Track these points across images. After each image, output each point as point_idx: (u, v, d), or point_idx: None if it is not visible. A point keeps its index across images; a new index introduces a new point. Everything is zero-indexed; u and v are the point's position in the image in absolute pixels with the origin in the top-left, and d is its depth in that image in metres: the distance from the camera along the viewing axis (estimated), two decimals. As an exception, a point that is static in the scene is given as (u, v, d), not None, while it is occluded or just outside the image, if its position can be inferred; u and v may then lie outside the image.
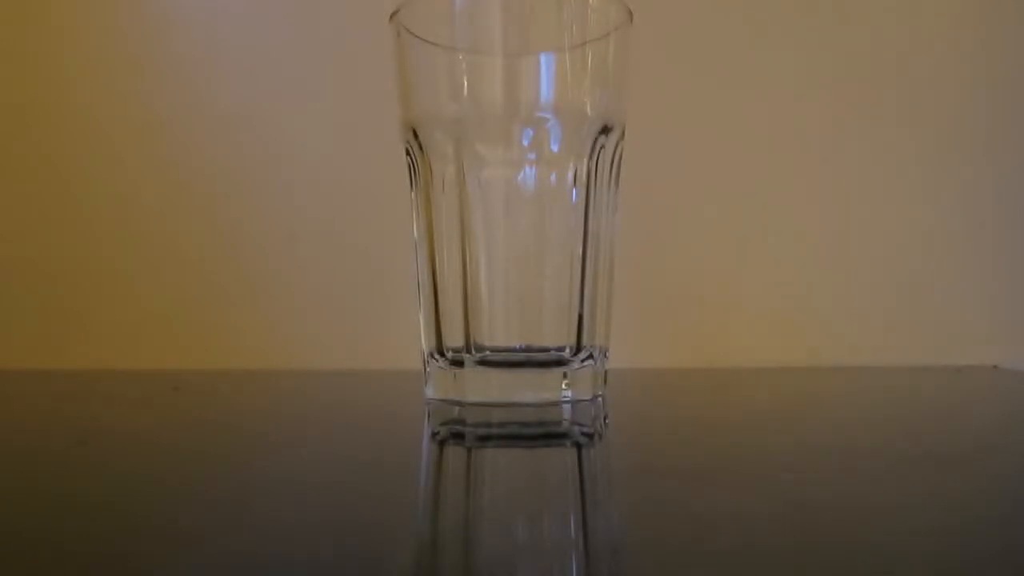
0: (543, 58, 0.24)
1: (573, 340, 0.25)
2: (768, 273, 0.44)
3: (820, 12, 0.45)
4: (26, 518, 0.14)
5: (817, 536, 0.13)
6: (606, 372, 0.27)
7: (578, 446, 0.22)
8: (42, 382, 0.38)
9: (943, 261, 0.45)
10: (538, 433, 0.23)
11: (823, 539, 0.13)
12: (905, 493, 0.16)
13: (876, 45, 0.45)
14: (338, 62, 0.44)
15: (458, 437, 0.23)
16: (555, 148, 0.24)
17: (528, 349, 0.25)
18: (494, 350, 0.25)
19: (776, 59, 0.45)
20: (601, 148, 0.25)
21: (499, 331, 0.25)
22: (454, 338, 0.25)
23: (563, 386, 0.24)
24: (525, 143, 0.24)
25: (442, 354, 0.25)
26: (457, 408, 0.24)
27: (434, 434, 0.23)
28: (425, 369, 0.26)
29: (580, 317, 0.25)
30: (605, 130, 0.25)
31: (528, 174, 0.24)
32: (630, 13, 0.25)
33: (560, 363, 0.25)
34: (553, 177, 0.25)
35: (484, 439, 0.22)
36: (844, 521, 0.14)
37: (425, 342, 0.26)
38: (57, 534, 0.13)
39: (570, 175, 0.25)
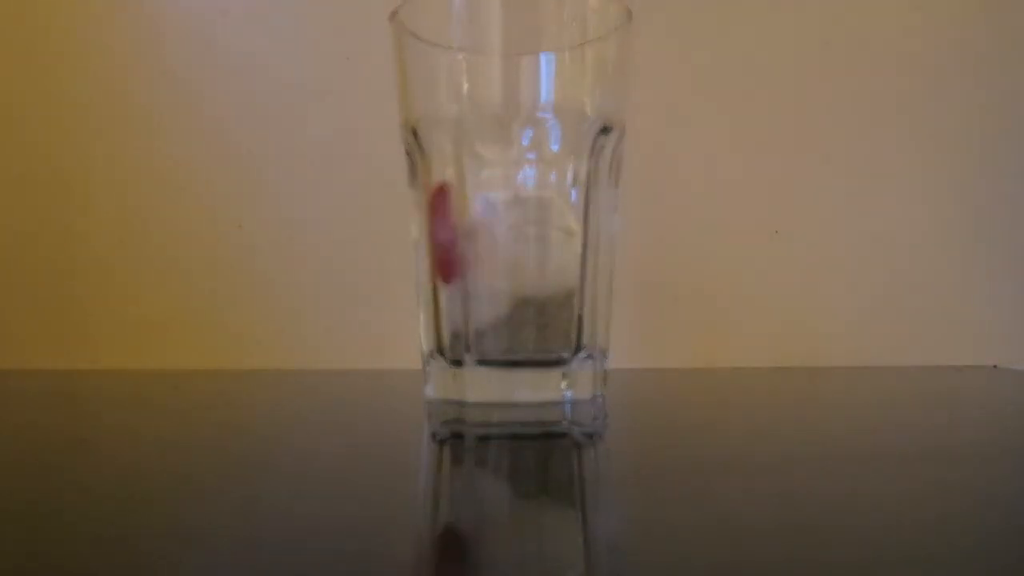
0: (543, 58, 0.24)
1: (573, 340, 0.25)
2: (768, 273, 0.44)
3: (820, 13, 0.45)
4: (27, 518, 0.14)
5: (817, 535, 0.13)
6: (606, 372, 0.27)
7: (578, 446, 0.22)
8: (42, 382, 0.38)
9: (943, 261, 0.45)
10: (538, 433, 0.23)
11: (823, 538, 0.13)
12: (905, 492, 0.16)
13: (877, 45, 0.45)
14: (338, 62, 0.44)
15: (458, 437, 0.23)
16: (555, 148, 0.24)
17: (528, 349, 0.25)
18: (494, 350, 0.25)
19: (776, 59, 0.45)
20: (601, 148, 0.25)
21: (499, 331, 0.25)
22: (454, 338, 0.25)
23: (563, 386, 0.24)
24: (525, 143, 0.24)
25: (442, 354, 0.25)
26: (457, 408, 0.24)
27: (434, 434, 0.23)
28: (425, 369, 0.26)
29: (580, 317, 0.25)
30: (605, 130, 0.25)
31: (528, 174, 0.24)
32: (630, 13, 0.25)
33: (560, 363, 0.24)
34: (553, 177, 0.25)
35: (484, 439, 0.22)
36: (844, 521, 0.14)
37: (425, 342, 0.26)
38: (57, 533, 0.13)
39: (570, 175, 0.25)
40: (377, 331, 0.43)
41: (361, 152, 0.44)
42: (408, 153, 0.26)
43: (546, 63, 0.24)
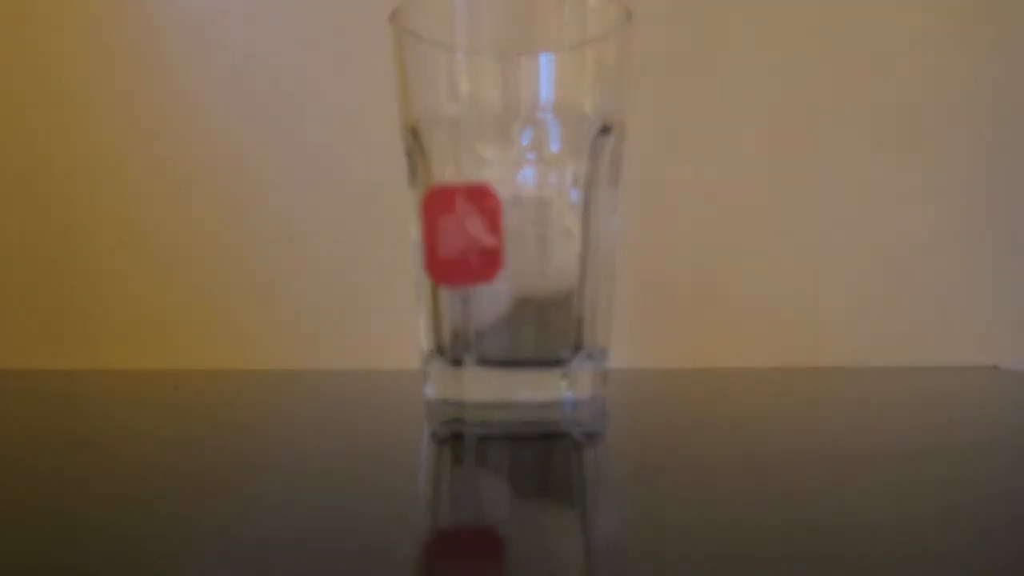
0: (543, 58, 0.24)
1: (573, 340, 0.25)
2: (768, 273, 0.44)
3: (821, 13, 0.45)
4: (27, 518, 0.14)
5: (817, 535, 0.13)
6: (606, 372, 0.27)
7: (578, 446, 0.22)
8: (42, 382, 0.38)
9: (943, 261, 0.45)
10: (538, 433, 0.23)
11: (823, 538, 0.13)
12: (905, 492, 0.16)
13: (876, 46, 0.45)
14: (338, 62, 0.44)
15: (458, 437, 0.23)
16: (555, 148, 0.24)
17: (528, 349, 0.25)
18: (494, 350, 0.25)
19: (776, 60, 0.45)
20: (601, 148, 0.25)
21: (499, 331, 0.25)
22: (454, 338, 0.25)
23: (563, 386, 0.24)
24: (525, 143, 0.24)
25: (442, 354, 0.25)
26: (457, 408, 0.24)
27: (434, 434, 0.23)
28: (425, 369, 0.26)
29: (580, 317, 0.25)
30: (605, 130, 0.25)
31: (528, 174, 0.24)
32: (630, 13, 0.25)
33: (560, 363, 0.24)
34: (553, 177, 0.25)
35: (484, 439, 0.22)
36: (844, 520, 0.14)
37: (425, 342, 0.26)
38: (57, 533, 0.13)
39: (570, 175, 0.25)
40: (377, 331, 0.43)
41: (361, 152, 0.44)
42: (408, 153, 0.26)
43: (546, 63, 0.24)
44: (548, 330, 0.25)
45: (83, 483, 0.17)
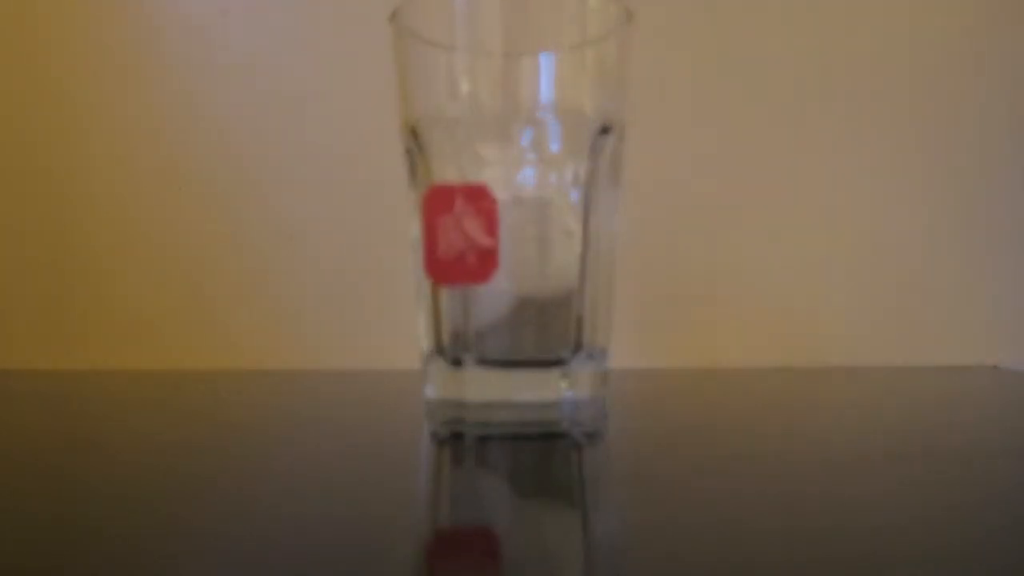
0: (543, 58, 0.24)
1: (573, 340, 0.25)
2: (769, 273, 0.44)
3: (821, 13, 0.45)
4: (26, 518, 0.14)
5: (816, 536, 0.13)
6: (606, 372, 0.27)
7: (578, 446, 0.22)
8: (42, 382, 0.38)
9: (942, 261, 0.45)
10: (538, 433, 0.23)
11: (822, 539, 0.13)
12: (905, 493, 0.16)
13: (876, 46, 0.45)
14: (338, 62, 0.44)
15: (458, 437, 0.23)
16: (555, 148, 0.24)
17: (528, 349, 0.25)
18: (494, 350, 0.24)
19: (776, 60, 0.45)
20: (601, 148, 0.25)
21: (500, 331, 0.25)
22: (454, 338, 0.25)
23: (563, 386, 0.24)
24: (525, 143, 0.24)
25: (442, 354, 0.25)
26: (457, 408, 0.24)
27: (434, 434, 0.23)
28: (425, 369, 0.26)
29: (580, 317, 0.25)
30: (605, 130, 0.25)
31: (528, 174, 0.24)
32: (630, 13, 0.25)
33: (560, 363, 0.24)
34: (553, 177, 0.25)
35: (484, 439, 0.22)
36: (843, 521, 0.14)
37: (425, 342, 0.26)
38: (57, 534, 0.13)
39: (570, 175, 0.25)
40: (377, 331, 0.43)
41: (361, 152, 0.44)
42: (408, 153, 0.26)
43: (546, 63, 0.24)
44: (548, 330, 0.25)
45: (83, 483, 0.17)
